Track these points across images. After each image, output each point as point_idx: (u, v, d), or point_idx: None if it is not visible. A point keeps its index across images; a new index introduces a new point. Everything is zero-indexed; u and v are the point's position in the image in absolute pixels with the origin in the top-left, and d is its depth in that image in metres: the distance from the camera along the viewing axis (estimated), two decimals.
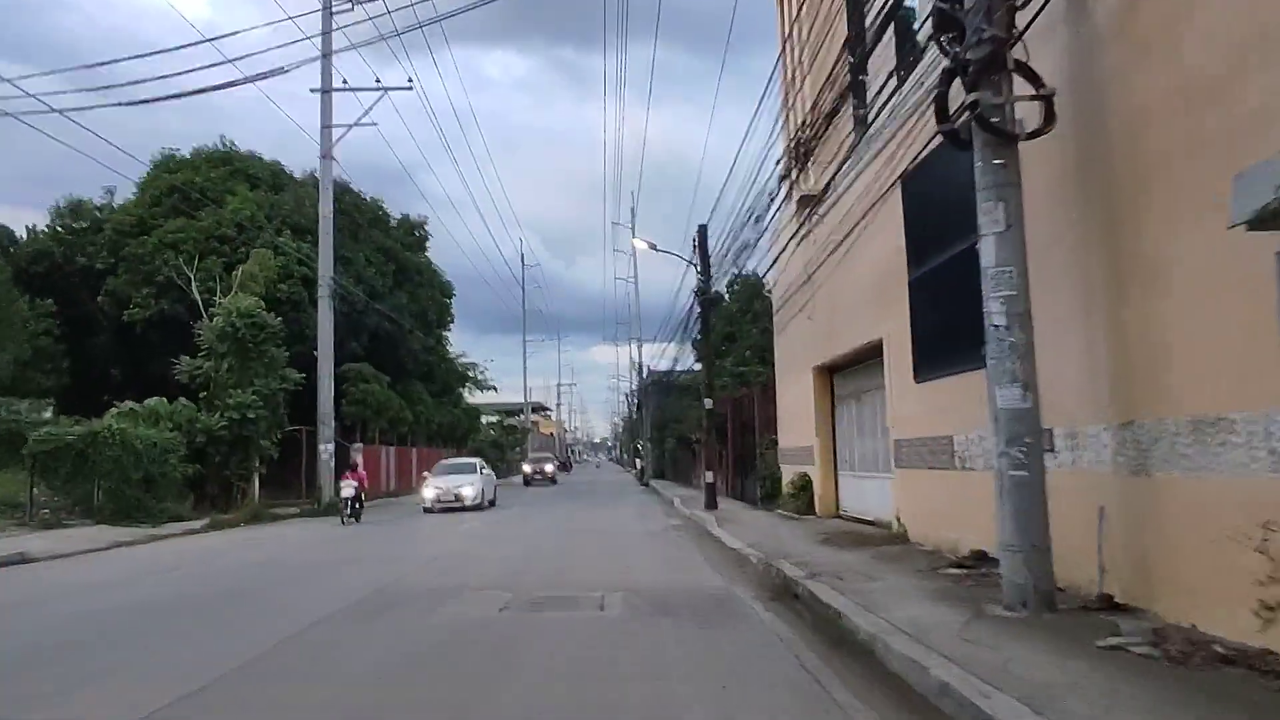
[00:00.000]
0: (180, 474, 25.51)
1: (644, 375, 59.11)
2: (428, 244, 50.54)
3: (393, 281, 42.62)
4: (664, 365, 57.09)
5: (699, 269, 23.62)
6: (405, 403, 40.32)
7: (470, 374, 57.22)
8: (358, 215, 41.33)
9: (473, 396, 77.95)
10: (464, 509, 27.63)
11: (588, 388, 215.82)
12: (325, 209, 29.47)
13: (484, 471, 30.90)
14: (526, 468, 53.60)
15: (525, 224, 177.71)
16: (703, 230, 23.79)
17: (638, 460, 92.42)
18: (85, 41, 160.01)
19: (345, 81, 29.47)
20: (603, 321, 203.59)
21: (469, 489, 28.52)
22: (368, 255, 39.51)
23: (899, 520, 13.11)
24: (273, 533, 21.15)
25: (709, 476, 23.17)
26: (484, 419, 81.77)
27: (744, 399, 27.23)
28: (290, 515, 27.65)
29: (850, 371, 17.53)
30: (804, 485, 18.86)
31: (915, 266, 12.27)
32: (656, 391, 58.69)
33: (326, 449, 28.78)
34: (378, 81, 28.75)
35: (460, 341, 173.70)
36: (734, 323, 51.22)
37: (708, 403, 23.68)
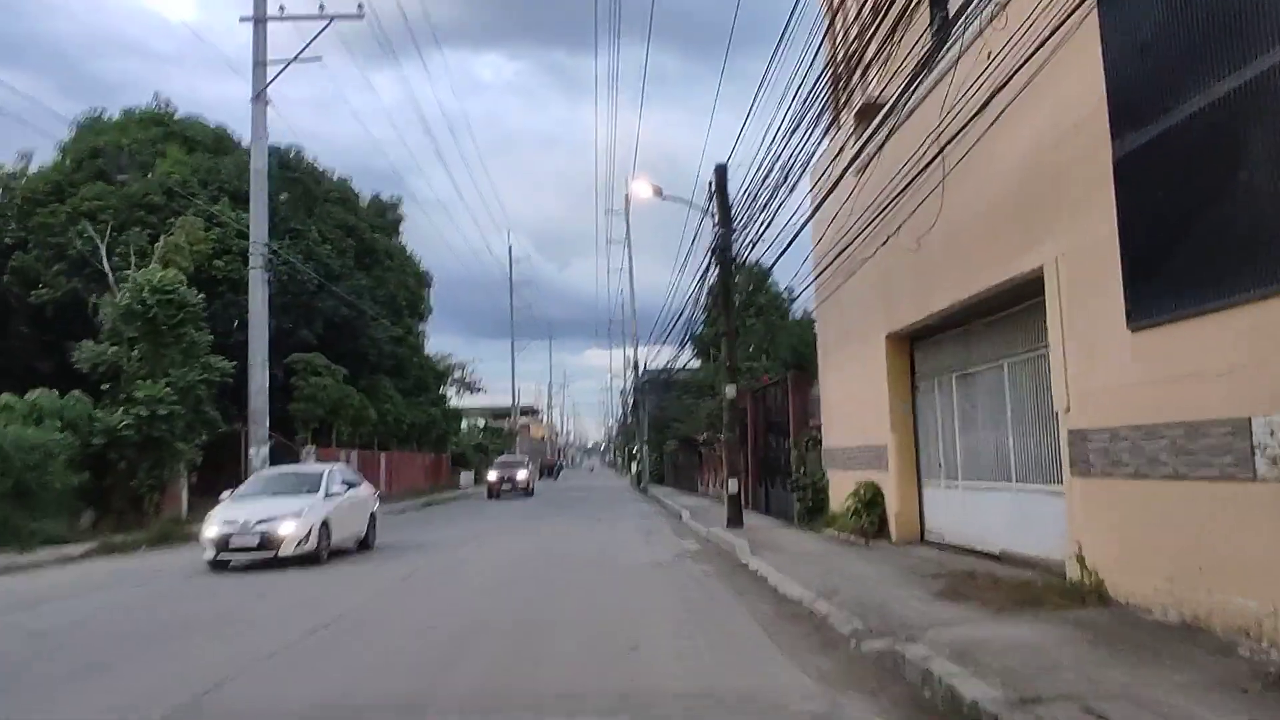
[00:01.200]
0: (66, 484, 20.27)
1: (640, 373, 53.94)
2: (401, 227, 45.50)
3: (355, 263, 37.39)
4: (663, 364, 52.23)
5: (716, 218, 18.43)
6: (368, 400, 35.07)
7: (451, 372, 52.01)
8: (314, 187, 36.09)
9: (460, 398, 72.87)
10: (275, 560, 14.10)
11: (581, 391, 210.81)
12: (258, 162, 24.22)
13: (339, 488, 16.12)
14: (492, 476, 41.10)
15: (518, 227, 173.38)
16: (721, 171, 18.60)
17: (633, 464, 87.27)
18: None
19: (283, 9, 24.19)
20: (596, 326, 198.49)
21: (289, 524, 14.20)
22: (324, 231, 34.25)
23: (1082, 563, 7.91)
24: (151, 565, 15.83)
25: (733, 486, 18.00)
26: (469, 421, 76.67)
27: (770, 390, 22.07)
28: None
29: (945, 338, 12.37)
30: (871, 499, 13.68)
31: (1129, 133, 7.11)
32: (654, 390, 53.55)
33: (259, 453, 23.51)
34: (322, 9, 23.52)
35: (451, 345, 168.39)
36: (736, 317, 48.15)
37: (730, 391, 18.47)
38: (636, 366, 54.46)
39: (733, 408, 18.30)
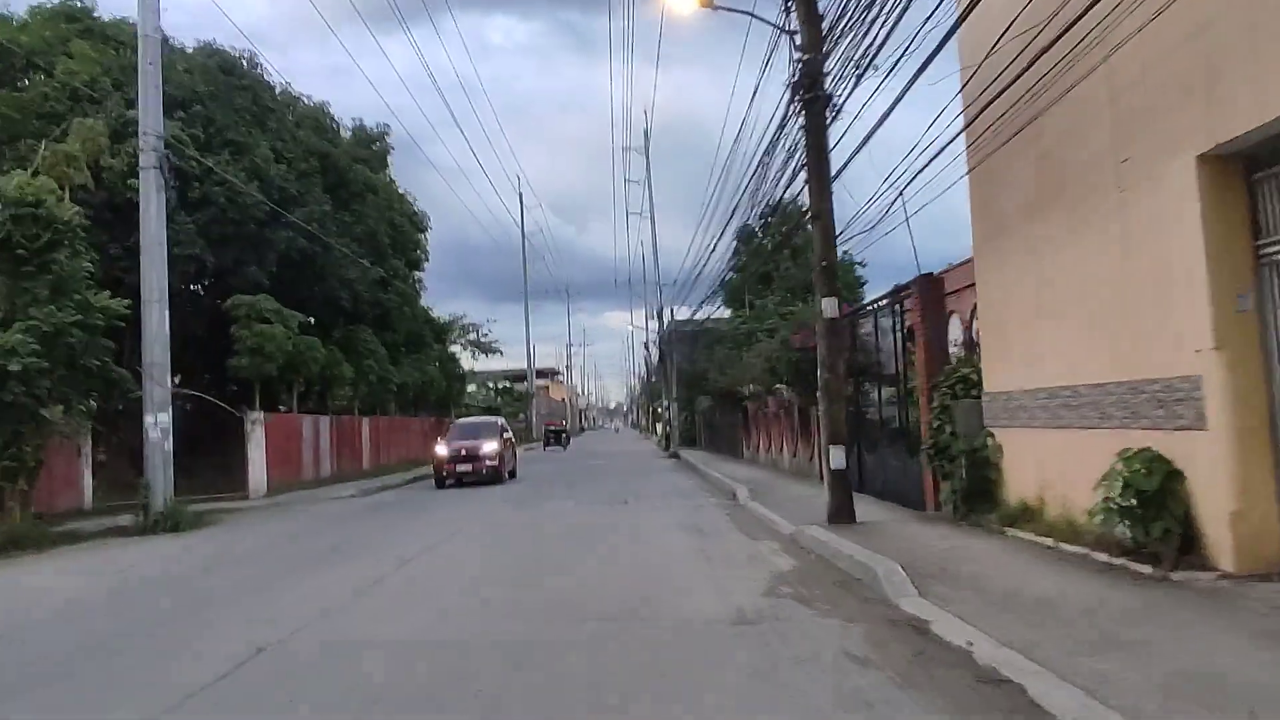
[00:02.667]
0: None
1: (665, 322, 47.11)
2: (390, 158, 38.71)
3: (331, 198, 30.71)
4: (692, 313, 45.60)
5: (796, 38, 11.40)
6: (341, 354, 28.51)
7: (455, 328, 45.43)
8: (271, 101, 29.26)
9: (475, 360, 66.47)
10: None
11: (602, 354, 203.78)
12: (147, 27, 17.53)
13: None
14: (440, 451, 25.02)
15: (534, 190, 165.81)
16: None
17: (658, 426, 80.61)
18: None
19: None
20: (615, 289, 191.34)
21: None
22: (282, 151, 27.49)
23: None
24: None
25: (837, 457, 11.13)
26: (484, 384, 70.44)
27: (865, 317, 15.31)
28: (99, 534, 16.07)
29: None
30: (1159, 489, 6.85)
31: None
32: (682, 343, 46.81)
33: (157, 423, 16.99)
34: None
35: (473, 311, 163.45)
36: (770, 260, 40.28)
37: (829, 306, 11.36)
38: (661, 314, 47.65)
39: (833, 334, 11.39)
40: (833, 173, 11.56)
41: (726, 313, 47.48)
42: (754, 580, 8.52)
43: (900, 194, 11.20)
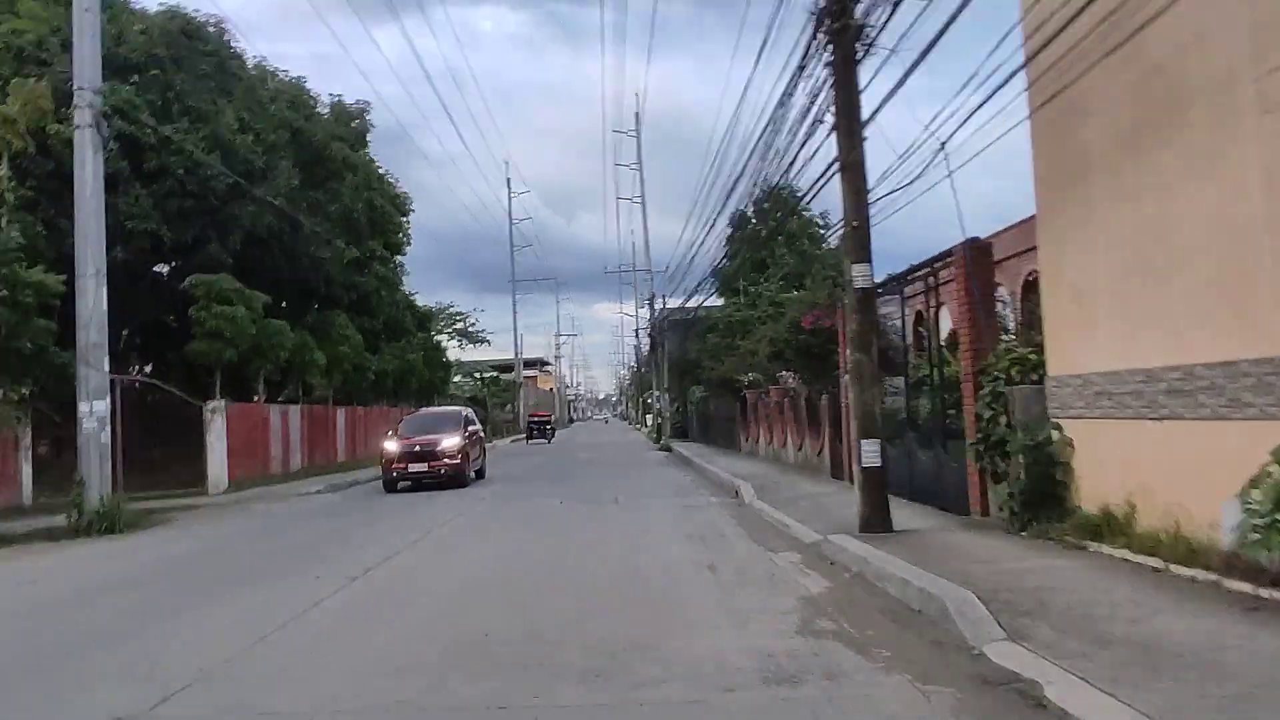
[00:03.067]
0: None
1: (657, 308, 45.27)
2: (369, 137, 36.73)
3: (299, 169, 28.76)
4: (685, 298, 43.90)
5: None
6: (312, 340, 26.57)
7: (438, 316, 43.55)
8: (237, 69, 27.21)
9: (463, 350, 64.43)
10: None
11: (591, 346, 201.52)
12: None
13: None
14: (390, 446, 21.03)
15: (523, 179, 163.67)
16: None
17: (648, 417, 78.80)
18: None
19: None
20: (605, 280, 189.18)
21: None
22: (247, 121, 25.48)
23: None
24: None
25: (870, 453, 9.25)
26: (472, 374, 68.51)
27: (895, 284, 13.44)
28: (26, 536, 14.22)
29: None
30: None
31: None
32: (674, 331, 45.06)
33: (93, 412, 15.07)
34: None
35: (462, 301, 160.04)
36: (765, 247, 39.79)
37: (860, 274, 9.42)
38: (652, 301, 45.82)
39: (866, 307, 9.52)
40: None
41: (719, 301, 45.78)
42: (781, 609, 6.73)
43: (943, 146, 9.38)
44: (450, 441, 20.43)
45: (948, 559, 7.58)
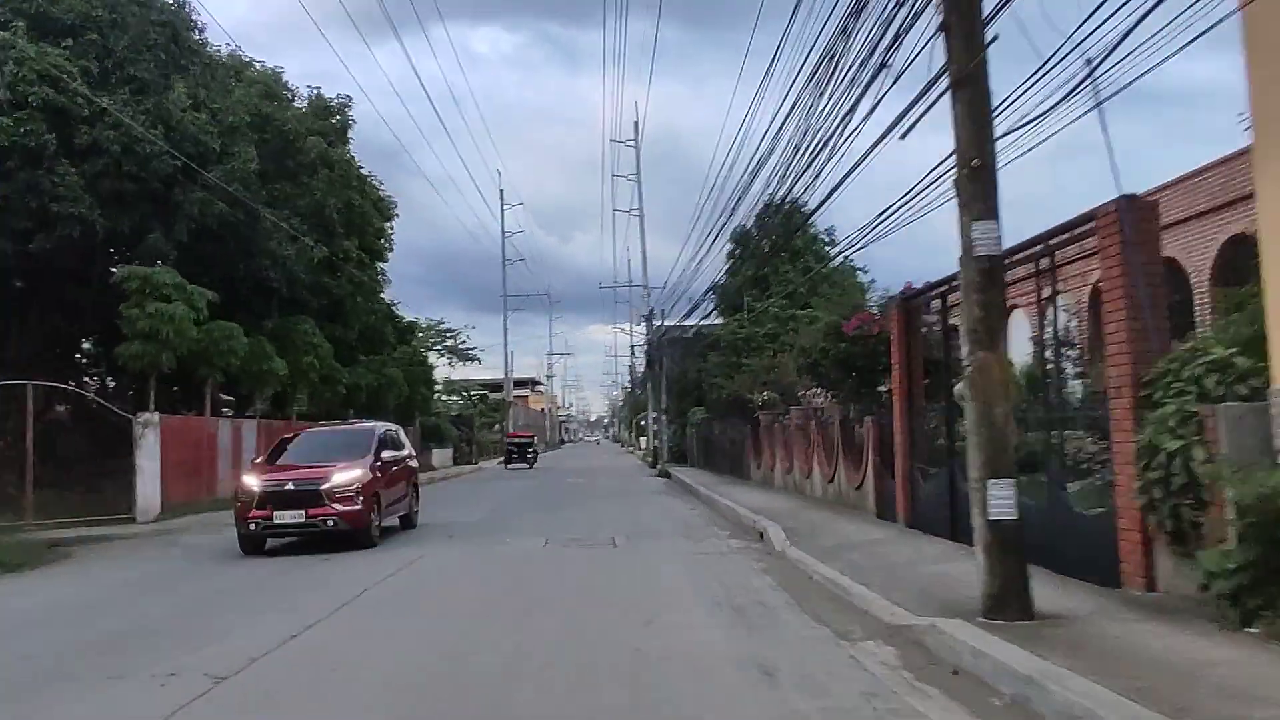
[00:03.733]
0: None
1: (654, 321, 42.24)
2: (350, 133, 33.91)
3: (270, 161, 25.83)
4: (684, 314, 41.10)
5: None
6: (268, 346, 23.44)
7: (418, 329, 40.56)
8: (194, 44, 24.21)
9: (453, 369, 61.44)
10: None
11: (584, 367, 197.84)
12: None
13: None
14: (250, 483, 13.36)
15: (519, 197, 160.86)
16: None
17: (641, 440, 75.64)
18: None
19: None
20: (600, 302, 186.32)
21: None
22: (201, 98, 22.46)
23: None
24: None
25: (1000, 500, 6.17)
26: (462, 392, 65.41)
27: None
28: None
29: None
30: None
31: None
32: (673, 350, 42.11)
33: None
34: None
35: (456, 320, 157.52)
36: (767, 264, 38.28)
37: (982, 234, 6.39)
38: (650, 318, 42.82)
39: (992, 281, 6.46)
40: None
41: (718, 320, 43.14)
42: None
43: (1094, 67, 6.43)
44: (345, 475, 13.18)
45: (1167, 682, 4.54)
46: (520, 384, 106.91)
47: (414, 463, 17.23)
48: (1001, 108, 7.12)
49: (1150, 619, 6.12)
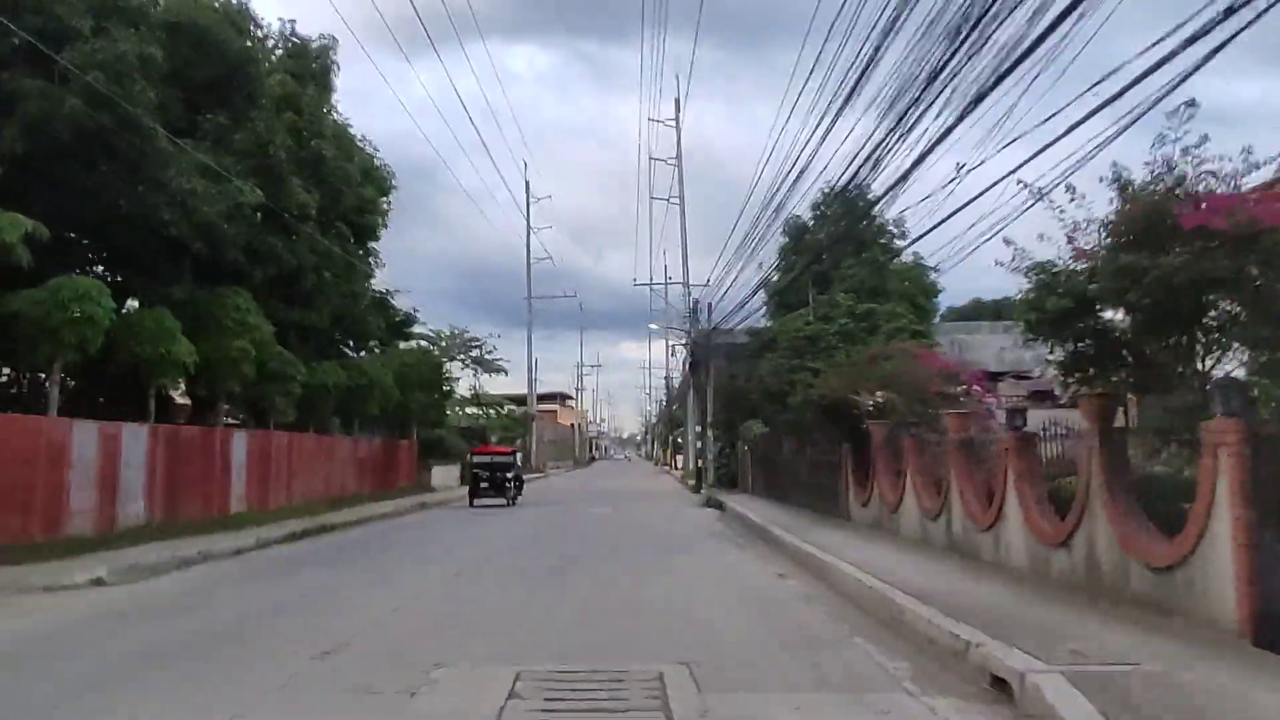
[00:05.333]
0: None
1: (699, 316, 34.73)
2: (334, 80, 27.08)
3: (204, 88, 18.89)
4: (739, 313, 33.97)
5: None
6: (187, 326, 16.29)
7: (453, 341, 33.53)
8: None
9: (478, 380, 54.66)
10: None
11: (616, 385, 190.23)
12: None
13: None
14: None
15: (550, 218, 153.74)
16: None
17: (678, 458, 67.90)
18: None
19: None
20: (633, 318, 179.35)
21: None
22: None
23: None
24: None
25: None
26: (489, 406, 58.30)
27: None
28: None
29: None
30: None
31: None
32: (717, 357, 34.62)
33: None
34: None
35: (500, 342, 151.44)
36: (827, 257, 33.10)
37: None
38: (695, 312, 35.29)
39: None
40: None
41: (766, 324, 36.04)
42: None
43: None
44: None
45: None
46: (548, 398, 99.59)
47: None
48: None
49: None
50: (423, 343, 42.07)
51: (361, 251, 29.50)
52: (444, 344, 51.78)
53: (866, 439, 15.01)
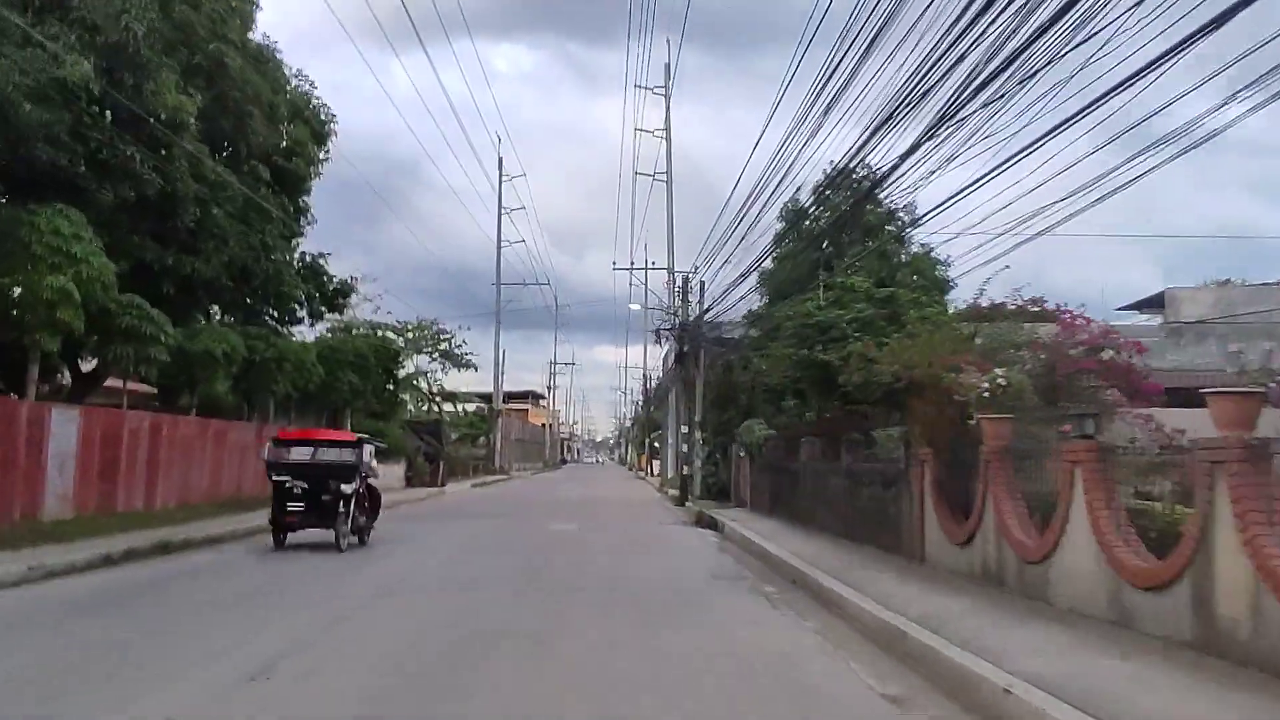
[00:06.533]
0: None
1: (689, 292, 29.26)
2: (255, 11, 21.59)
3: None
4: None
5: None
6: None
7: (348, 288, 27.68)
8: None
9: (445, 374, 49.26)
10: None
11: (590, 389, 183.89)
12: None
13: None
14: None
15: (527, 217, 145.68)
16: None
17: (654, 464, 62.28)
18: None
19: None
20: (611, 322, 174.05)
21: None
22: None
23: None
24: None
25: None
26: (455, 402, 52.53)
27: None
28: None
29: None
30: None
31: None
32: (704, 351, 29.22)
33: None
34: None
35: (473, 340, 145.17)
36: (827, 242, 29.67)
37: None
38: (687, 287, 29.81)
39: None
40: None
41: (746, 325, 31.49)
42: None
43: None
44: None
45: None
46: (518, 396, 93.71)
47: None
48: None
49: None
50: (368, 323, 36.51)
51: (293, 209, 24.02)
52: (411, 334, 46.53)
53: (965, 443, 9.58)
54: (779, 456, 19.95)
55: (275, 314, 24.96)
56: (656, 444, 63.41)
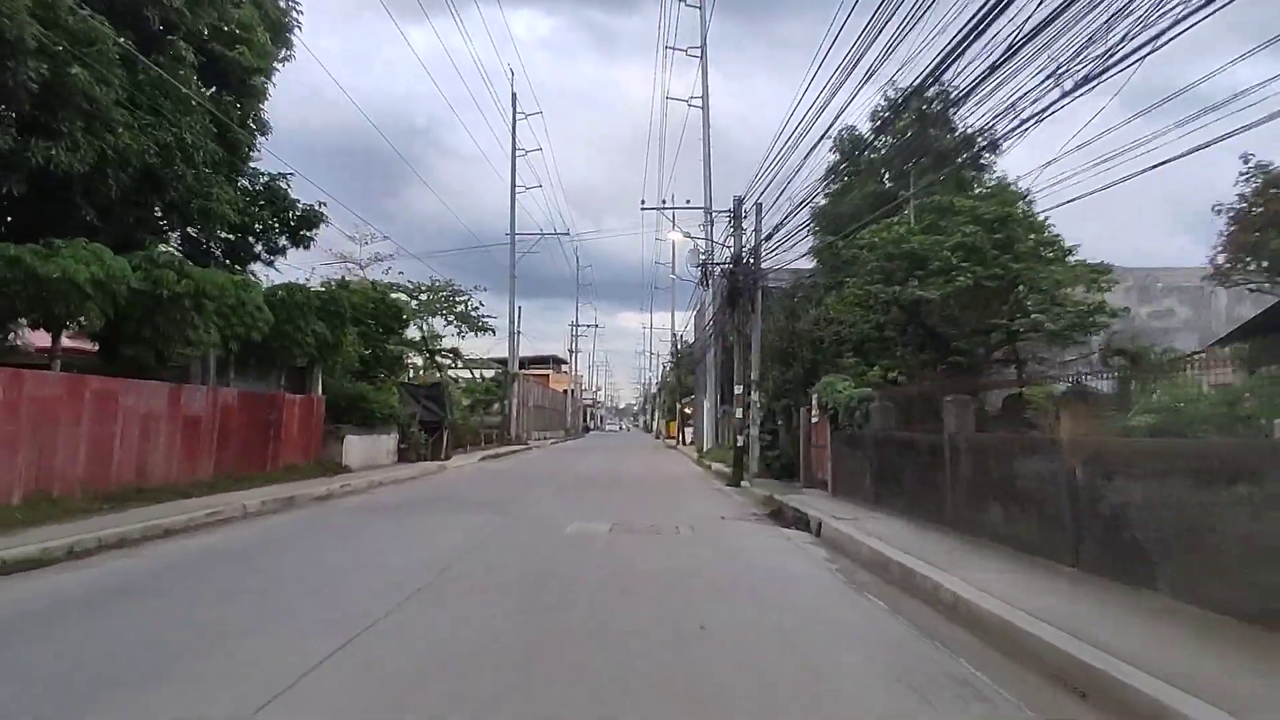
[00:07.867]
0: None
1: (742, 218, 23.16)
2: None
3: None
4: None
5: None
6: None
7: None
8: None
9: (462, 339, 44.17)
10: None
11: (614, 356, 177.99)
12: None
13: None
14: None
15: (553, 186, 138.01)
16: None
17: (687, 431, 56.37)
18: None
19: None
20: (636, 289, 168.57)
21: None
22: None
23: None
24: None
25: None
26: (472, 369, 47.07)
27: None
28: None
29: None
30: None
31: None
32: (748, 302, 23.21)
33: None
34: None
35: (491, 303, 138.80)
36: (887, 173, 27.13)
37: None
38: (739, 214, 23.67)
39: None
40: None
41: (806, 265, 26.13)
42: None
43: None
44: None
45: None
46: (538, 361, 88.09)
47: None
48: None
49: None
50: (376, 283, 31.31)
51: (242, 114, 18.44)
52: (425, 296, 41.41)
53: None
54: (888, 424, 13.98)
55: (211, 244, 19.34)
56: (688, 409, 57.63)
